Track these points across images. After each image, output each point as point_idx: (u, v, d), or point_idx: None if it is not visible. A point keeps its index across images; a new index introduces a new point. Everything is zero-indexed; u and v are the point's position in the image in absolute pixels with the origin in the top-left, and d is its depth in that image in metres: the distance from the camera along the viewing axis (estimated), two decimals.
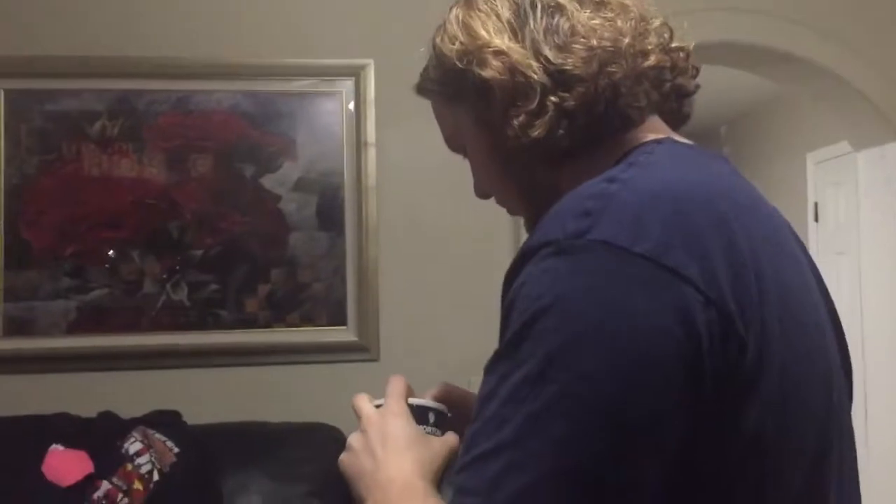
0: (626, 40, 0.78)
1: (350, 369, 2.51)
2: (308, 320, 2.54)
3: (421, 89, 0.91)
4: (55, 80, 2.48)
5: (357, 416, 0.87)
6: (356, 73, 2.57)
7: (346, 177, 2.57)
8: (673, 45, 0.81)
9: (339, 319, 2.55)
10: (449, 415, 0.90)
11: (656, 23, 0.81)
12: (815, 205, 4.20)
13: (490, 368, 0.68)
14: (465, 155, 0.91)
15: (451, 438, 0.84)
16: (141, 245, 2.48)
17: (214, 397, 2.44)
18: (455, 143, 0.91)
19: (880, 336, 3.14)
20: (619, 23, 0.78)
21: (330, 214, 2.56)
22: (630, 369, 0.62)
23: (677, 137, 0.82)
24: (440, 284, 2.59)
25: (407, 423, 0.84)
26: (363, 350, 2.53)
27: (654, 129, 0.81)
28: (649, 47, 0.79)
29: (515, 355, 0.65)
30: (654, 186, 0.69)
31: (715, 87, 4.30)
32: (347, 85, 2.58)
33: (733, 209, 0.71)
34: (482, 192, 0.92)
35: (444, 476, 0.81)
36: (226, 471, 2.07)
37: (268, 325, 2.52)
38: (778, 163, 4.58)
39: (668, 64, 0.80)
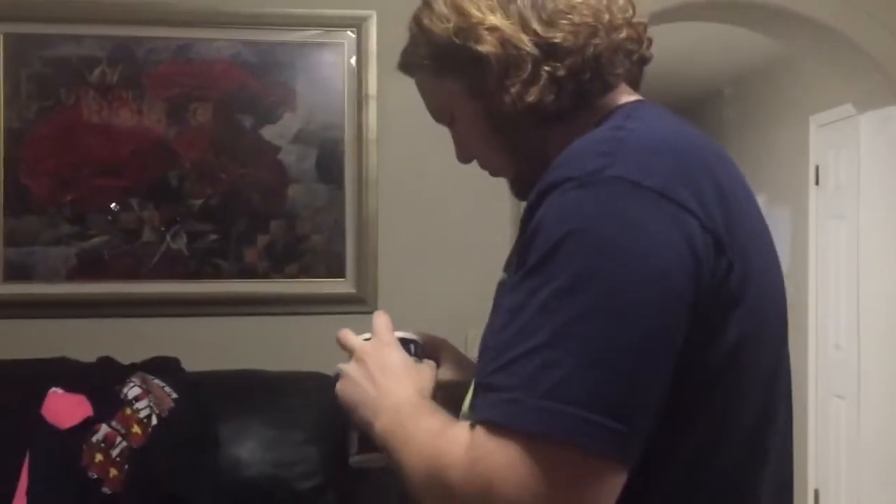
0: (606, 16, 0.89)
1: (348, 321, 2.46)
2: (307, 272, 2.56)
3: (406, 67, 1.00)
4: (55, 25, 2.46)
5: (346, 348, 0.98)
6: (358, 25, 2.55)
7: (346, 129, 2.56)
8: (635, 19, 0.92)
9: (337, 271, 2.56)
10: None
11: (620, 1, 0.92)
12: (817, 168, 4.18)
13: (516, 286, 0.76)
14: (450, 124, 1.00)
15: (433, 365, 0.98)
16: (140, 193, 2.48)
17: (213, 346, 2.46)
18: (442, 113, 1.00)
19: (876, 300, 3.16)
20: (594, 0, 0.89)
21: (330, 167, 2.56)
22: (651, 279, 0.73)
23: (644, 100, 0.94)
24: (439, 238, 2.60)
25: (400, 352, 0.95)
26: (361, 302, 2.54)
27: (627, 93, 0.93)
28: (620, 22, 0.90)
29: (544, 273, 0.74)
30: (654, 134, 0.82)
31: (720, 47, 4.26)
32: (349, 36, 2.56)
33: (714, 159, 0.84)
34: (465, 158, 1.02)
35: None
36: (223, 417, 2.10)
37: (266, 276, 2.54)
38: (781, 125, 4.56)
39: (635, 36, 0.91)
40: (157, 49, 2.50)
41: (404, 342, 0.98)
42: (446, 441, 0.76)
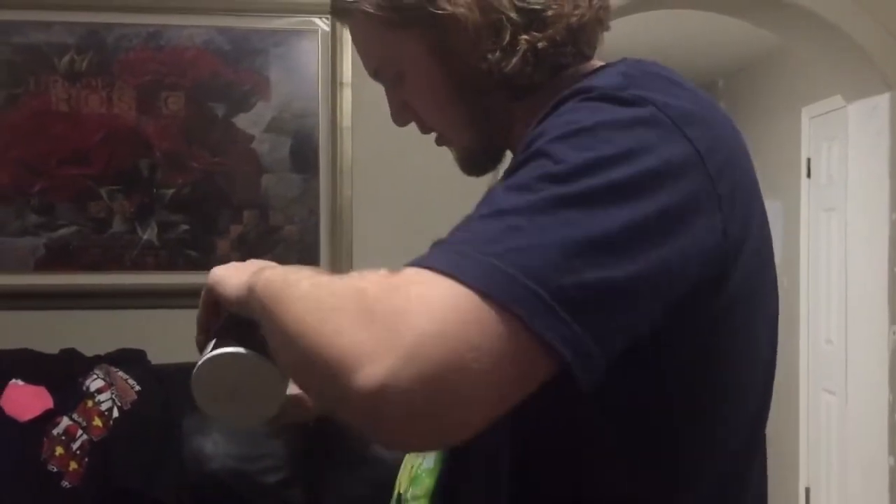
0: None
1: None
2: (280, 262, 2.50)
3: (346, 11, 0.87)
4: (24, 12, 2.42)
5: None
6: None
7: (320, 117, 2.51)
8: None
9: (311, 262, 2.51)
10: None
11: None
12: (808, 160, 4.13)
13: (511, 172, 0.69)
14: (393, 82, 0.90)
15: None
16: (110, 183, 2.44)
17: (183, 338, 2.40)
18: (386, 70, 0.89)
19: (863, 293, 3.10)
20: None
21: (304, 156, 2.51)
22: (657, 178, 0.66)
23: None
24: (414, 227, 2.55)
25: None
26: None
27: (594, 62, 0.87)
28: None
29: (548, 158, 0.66)
30: (660, 71, 0.77)
31: (713, 39, 4.20)
32: (324, 23, 2.52)
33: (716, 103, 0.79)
34: (405, 119, 0.92)
35: None
36: (188, 410, 2.05)
37: None
38: (774, 117, 4.50)
39: (609, 6, 0.86)
40: (127, 36, 2.45)
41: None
42: (358, 275, 0.64)
